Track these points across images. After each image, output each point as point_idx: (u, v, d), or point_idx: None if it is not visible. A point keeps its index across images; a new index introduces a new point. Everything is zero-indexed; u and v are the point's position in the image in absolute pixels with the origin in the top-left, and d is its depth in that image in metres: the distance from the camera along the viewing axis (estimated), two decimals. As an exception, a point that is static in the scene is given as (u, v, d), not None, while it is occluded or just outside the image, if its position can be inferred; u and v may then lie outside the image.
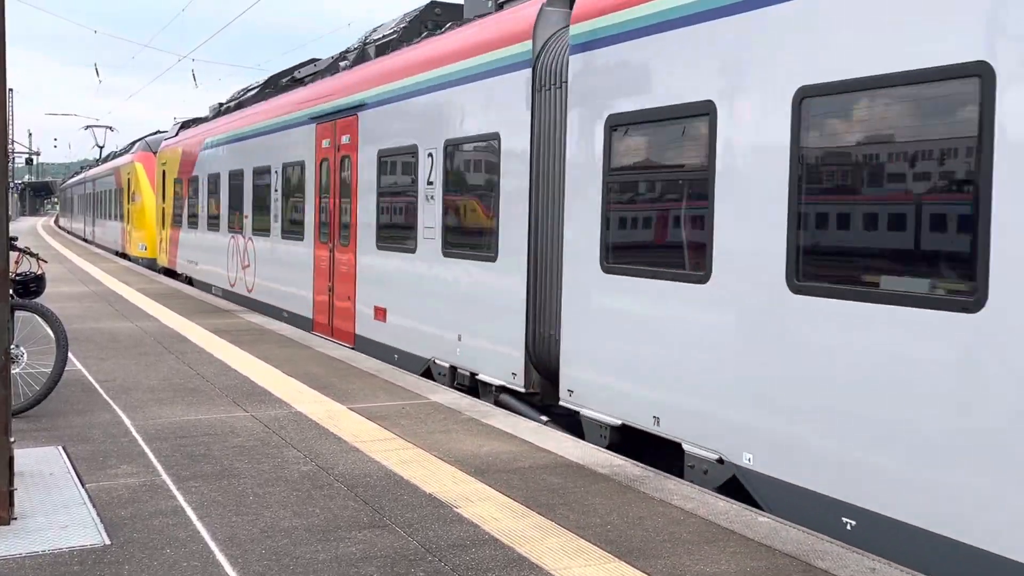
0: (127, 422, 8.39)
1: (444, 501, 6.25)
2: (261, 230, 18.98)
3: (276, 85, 21.09)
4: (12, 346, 8.18)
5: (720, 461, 7.07)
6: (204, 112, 41.30)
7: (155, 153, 32.11)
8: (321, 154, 15.69)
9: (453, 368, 11.26)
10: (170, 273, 27.86)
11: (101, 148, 63.65)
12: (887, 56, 5.78)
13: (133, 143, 41.37)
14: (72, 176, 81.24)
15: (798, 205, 6.36)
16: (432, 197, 11.66)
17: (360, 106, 14.01)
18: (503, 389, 10.18)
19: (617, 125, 8.37)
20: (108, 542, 5.38)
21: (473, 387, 10.79)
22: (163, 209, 28.99)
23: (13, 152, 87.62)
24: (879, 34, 5.84)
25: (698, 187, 7.38)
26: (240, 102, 23.32)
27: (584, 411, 8.76)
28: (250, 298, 19.61)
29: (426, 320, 11.90)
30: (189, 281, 25.38)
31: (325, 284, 15.35)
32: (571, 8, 9.55)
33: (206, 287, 23.41)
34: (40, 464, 6.95)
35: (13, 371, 7.63)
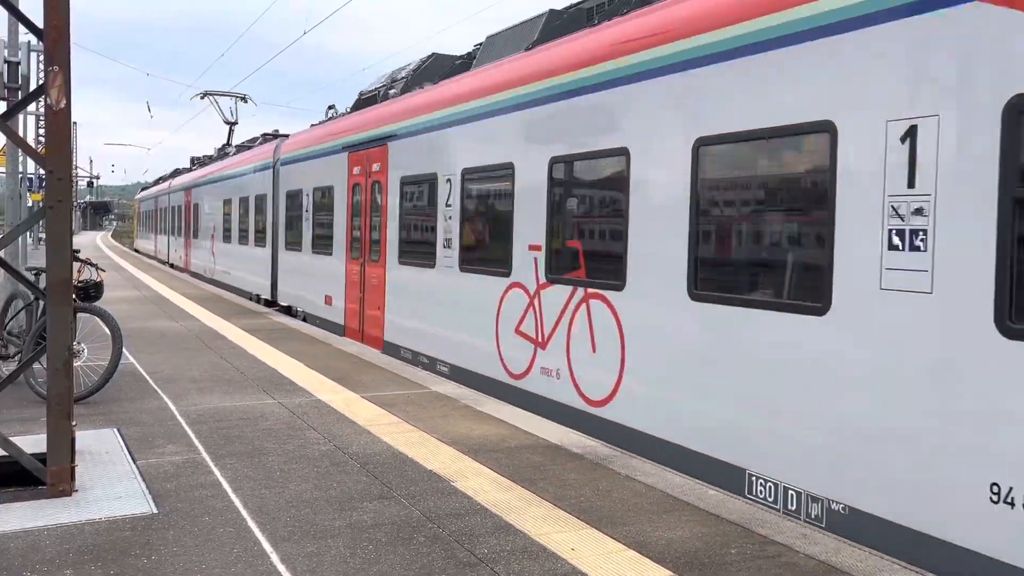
0: (172, 408, 8.35)
1: (442, 476, 6.24)
2: None
3: None
4: (75, 343, 8.16)
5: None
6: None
7: None
8: None
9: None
10: None
11: (231, 125, 31.52)
12: None
13: None
14: (218, 158, 31.66)
15: None
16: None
17: None
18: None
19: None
20: (155, 511, 5.36)
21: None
22: None
23: (77, 176, 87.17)
24: None
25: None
26: None
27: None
28: None
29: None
30: None
31: None
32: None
33: None
34: (98, 444, 6.92)
35: (75, 364, 7.60)
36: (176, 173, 42.22)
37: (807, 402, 5.89)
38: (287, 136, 21.30)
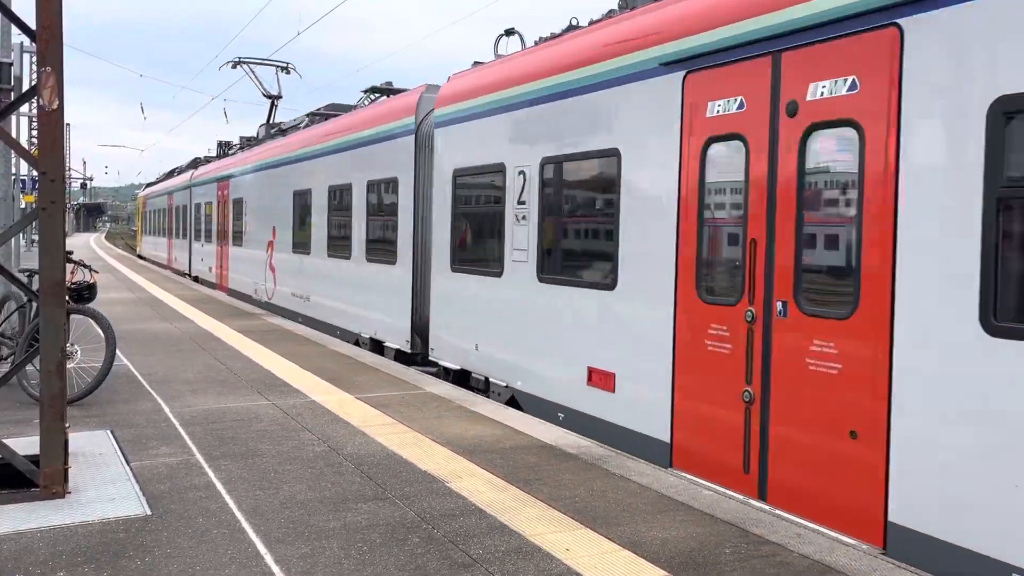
0: (166, 409, 8.33)
1: (437, 477, 6.24)
2: None
3: None
4: (68, 345, 8.13)
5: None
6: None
7: None
8: None
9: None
10: None
11: (274, 100, 25.79)
12: None
13: None
14: (265, 138, 23.01)
15: None
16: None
17: None
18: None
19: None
20: (149, 512, 5.35)
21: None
22: None
23: (70, 178, 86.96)
24: None
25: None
26: None
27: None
28: None
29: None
30: None
31: None
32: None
33: None
34: (91, 445, 6.90)
35: (68, 366, 7.58)
36: (197, 163, 34.29)
37: None
38: (438, 86, 12.47)
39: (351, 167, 14.49)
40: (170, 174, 42.52)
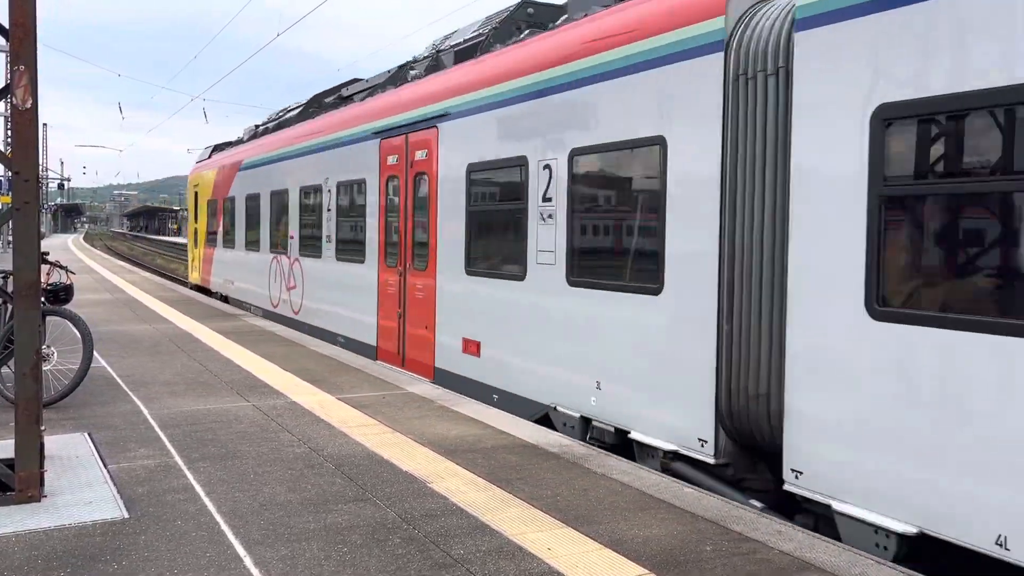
0: (144, 411, 8.26)
1: (418, 477, 6.22)
2: None
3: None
4: (44, 347, 8.05)
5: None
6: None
7: None
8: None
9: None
10: None
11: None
12: None
13: None
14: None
15: None
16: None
17: None
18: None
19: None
20: (127, 516, 5.30)
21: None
22: None
23: (47, 178, 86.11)
24: None
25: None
26: None
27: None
28: None
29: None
30: None
31: None
32: None
33: None
34: (68, 448, 6.83)
35: (44, 368, 7.51)
36: (515, 28, 11.01)
37: None
38: None
39: None
40: (315, 105, 17.93)
